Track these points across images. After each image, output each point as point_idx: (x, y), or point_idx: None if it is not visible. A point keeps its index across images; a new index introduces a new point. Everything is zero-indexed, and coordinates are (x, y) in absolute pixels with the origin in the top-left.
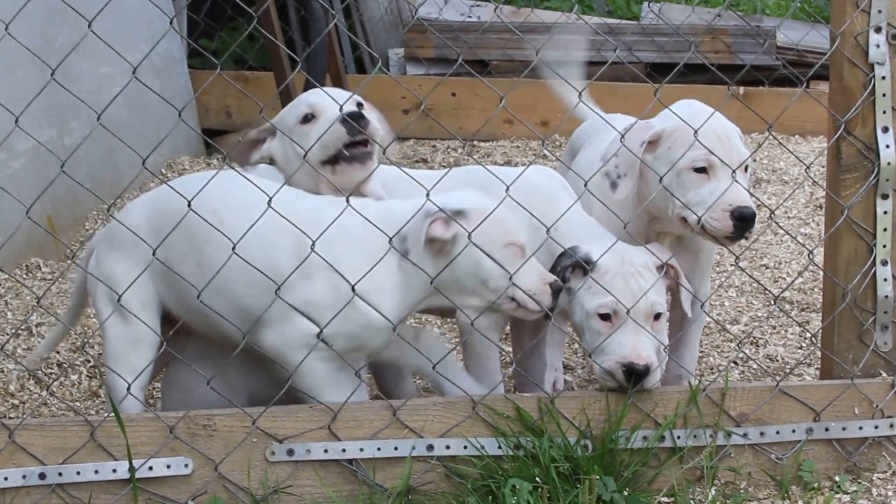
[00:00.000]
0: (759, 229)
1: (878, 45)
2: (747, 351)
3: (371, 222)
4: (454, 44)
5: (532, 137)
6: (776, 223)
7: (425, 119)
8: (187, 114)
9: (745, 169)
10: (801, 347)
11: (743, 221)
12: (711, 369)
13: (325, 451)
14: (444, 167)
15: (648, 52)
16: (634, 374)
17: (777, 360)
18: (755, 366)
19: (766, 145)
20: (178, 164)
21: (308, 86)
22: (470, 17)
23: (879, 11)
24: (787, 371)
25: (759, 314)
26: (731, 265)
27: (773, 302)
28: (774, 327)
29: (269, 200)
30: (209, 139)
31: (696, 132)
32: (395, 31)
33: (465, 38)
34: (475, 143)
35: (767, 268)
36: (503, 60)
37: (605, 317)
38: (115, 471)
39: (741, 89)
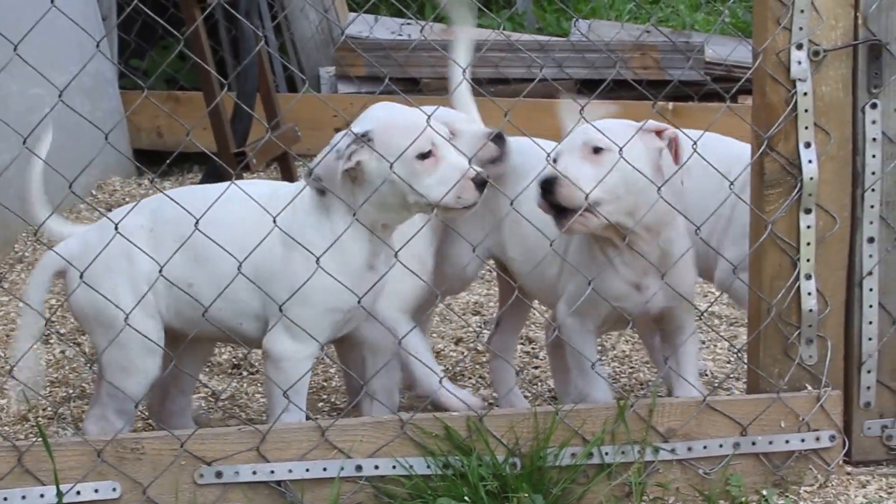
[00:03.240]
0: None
1: (799, 62)
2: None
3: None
4: (385, 62)
5: None
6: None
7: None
8: (118, 134)
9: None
10: (729, 362)
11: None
12: (641, 385)
13: (254, 472)
14: None
15: (578, 69)
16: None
17: (706, 375)
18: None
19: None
20: (109, 184)
21: (238, 105)
22: (400, 35)
23: (801, 28)
24: (716, 386)
25: None
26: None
27: (699, 317)
28: (704, 342)
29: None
30: (140, 159)
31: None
32: (326, 49)
33: (395, 57)
34: None
35: (697, 283)
36: (434, 78)
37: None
38: (42, 496)
39: (670, 104)
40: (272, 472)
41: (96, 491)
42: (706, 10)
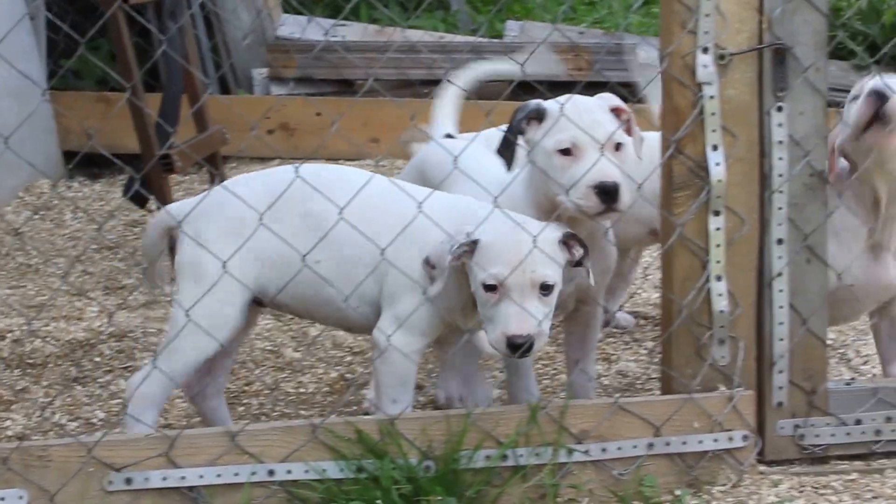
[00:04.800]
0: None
1: (705, 66)
2: (599, 367)
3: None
4: (318, 63)
5: (398, 156)
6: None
7: (289, 139)
8: (47, 136)
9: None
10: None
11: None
12: (562, 386)
13: (164, 479)
14: None
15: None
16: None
17: (628, 376)
18: (606, 382)
19: None
20: (37, 187)
21: (162, 107)
22: (334, 36)
23: (706, 32)
24: (636, 387)
25: (614, 330)
26: None
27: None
28: (626, 342)
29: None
30: (70, 161)
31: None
32: (259, 50)
33: (328, 58)
34: (340, 162)
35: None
36: (367, 80)
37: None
38: None
39: None
40: (183, 477)
41: (2, 499)
42: (641, 13)
